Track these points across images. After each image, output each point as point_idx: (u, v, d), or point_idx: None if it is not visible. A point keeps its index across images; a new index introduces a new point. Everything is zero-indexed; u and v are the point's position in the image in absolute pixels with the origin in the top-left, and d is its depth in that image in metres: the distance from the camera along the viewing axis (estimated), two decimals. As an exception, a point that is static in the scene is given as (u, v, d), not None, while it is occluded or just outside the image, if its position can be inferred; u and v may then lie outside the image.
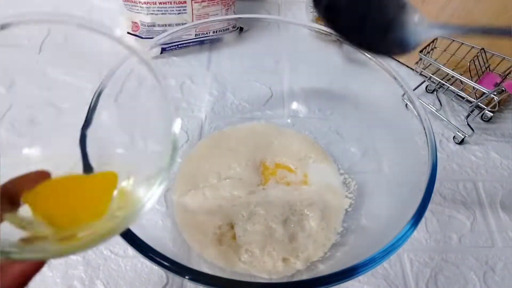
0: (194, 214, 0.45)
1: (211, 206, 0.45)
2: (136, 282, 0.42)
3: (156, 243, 0.30)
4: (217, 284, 0.29)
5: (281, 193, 0.47)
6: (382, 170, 0.48)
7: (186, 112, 0.55)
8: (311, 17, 0.70)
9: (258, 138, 0.53)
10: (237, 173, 0.48)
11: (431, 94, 0.63)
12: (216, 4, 0.62)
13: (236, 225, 0.44)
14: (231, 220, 0.44)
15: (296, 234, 0.44)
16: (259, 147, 0.52)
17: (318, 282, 0.29)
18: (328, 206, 0.46)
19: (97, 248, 0.44)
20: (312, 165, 0.50)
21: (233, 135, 0.53)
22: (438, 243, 0.47)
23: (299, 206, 0.46)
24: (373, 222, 0.43)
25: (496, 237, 0.48)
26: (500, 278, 0.45)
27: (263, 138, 0.53)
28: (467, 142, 0.57)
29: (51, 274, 0.42)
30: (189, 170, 0.49)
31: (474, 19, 0.57)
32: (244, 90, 0.58)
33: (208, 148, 0.52)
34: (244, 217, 0.44)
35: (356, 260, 0.30)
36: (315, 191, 0.47)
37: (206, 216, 0.44)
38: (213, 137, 0.53)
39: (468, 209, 0.50)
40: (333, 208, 0.46)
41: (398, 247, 0.31)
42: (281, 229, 0.43)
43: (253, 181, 0.48)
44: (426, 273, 0.45)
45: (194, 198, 0.46)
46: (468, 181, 0.53)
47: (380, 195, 0.45)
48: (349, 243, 0.42)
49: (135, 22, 0.62)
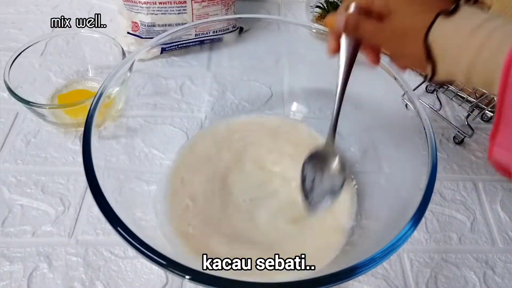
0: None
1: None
2: (136, 283, 0.42)
3: (155, 243, 0.30)
4: (217, 284, 0.29)
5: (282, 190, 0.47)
6: (382, 170, 0.48)
7: (186, 112, 0.55)
8: (311, 17, 0.70)
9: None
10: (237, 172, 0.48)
11: (431, 94, 0.63)
12: (216, 4, 0.62)
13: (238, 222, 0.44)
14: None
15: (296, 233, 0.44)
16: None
17: (318, 282, 0.29)
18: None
19: (97, 249, 0.44)
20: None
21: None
22: (438, 243, 0.47)
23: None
24: (373, 222, 0.43)
25: (496, 237, 0.48)
26: (500, 278, 0.45)
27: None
28: (467, 142, 0.57)
29: (52, 276, 0.42)
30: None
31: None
32: (244, 90, 0.58)
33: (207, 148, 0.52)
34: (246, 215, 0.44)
35: (356, 260, 0.30)
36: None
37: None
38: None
39: (468, 209, 0.50)
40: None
41: (398, 247, 0.31)
42: (282, 227, 0.43)
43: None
44: (426, 273, 0.45)
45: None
46: (468, 181, 0.53)
47: (380, 195, 0.45)
48: (349, 243, 0.42)
49: (135, 22, 0.62)
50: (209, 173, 0.49)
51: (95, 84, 0.58)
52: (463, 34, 0.27)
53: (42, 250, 0.43)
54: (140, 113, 0.52)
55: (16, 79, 0.51)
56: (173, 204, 0.45)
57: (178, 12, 0.61)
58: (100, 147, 0.38)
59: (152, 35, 0.62)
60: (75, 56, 0.58)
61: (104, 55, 0.58)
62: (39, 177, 0.49)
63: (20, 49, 0.53)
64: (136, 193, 0.44)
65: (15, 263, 0.42)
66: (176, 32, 0.48)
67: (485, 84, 0.28)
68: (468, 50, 0.27)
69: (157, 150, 0.49)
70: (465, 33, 0.27)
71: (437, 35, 0.29)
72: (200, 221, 0.44)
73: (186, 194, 0.46)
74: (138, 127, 0.50)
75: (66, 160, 0.51)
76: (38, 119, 0.52)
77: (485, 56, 0.26)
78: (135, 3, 0.59)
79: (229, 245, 0.42)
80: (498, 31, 0.26)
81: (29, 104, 0.48)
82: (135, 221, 0.36)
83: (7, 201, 0.47)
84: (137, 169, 0.47)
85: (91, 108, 0.38)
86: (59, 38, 0.57)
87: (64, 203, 0.47)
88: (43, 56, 0.56)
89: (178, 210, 0.45)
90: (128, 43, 0.63)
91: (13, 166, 0.50)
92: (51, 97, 0.56)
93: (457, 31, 0.28)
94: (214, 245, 0.42)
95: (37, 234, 0.44)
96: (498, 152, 0.27)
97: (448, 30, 0.28)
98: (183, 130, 0.53)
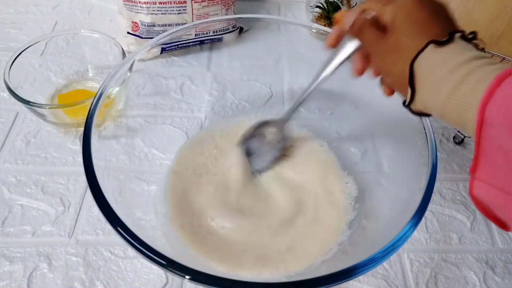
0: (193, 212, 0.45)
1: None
2: (136, 283, 0.42)
3: (155, 243, 0.30)
4: (217, 284, 0.29)
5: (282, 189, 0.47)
6: (382, 170, 0.48)
7: (186, 112, 0.55)
8: (311, 17, 0.70)
9: None
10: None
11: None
12: (216, 4, 0.62)
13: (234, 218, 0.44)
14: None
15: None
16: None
17: (318, 282, 0.29)
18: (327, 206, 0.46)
19: (97, 249, 0.44)
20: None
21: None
22: (438, 243, 0.47)
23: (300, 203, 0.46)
24: (373, 222, 0.43)
25: (496, 237, 0.48)
26: (500, 278, 0.45)
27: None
28: (467, 142, 0.57)
29: (52, 276, 0.42)
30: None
31: (474, 19, 0.57)
32: (244, 90, 0.58)
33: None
34: (242, 213, 0.44)
35: (356, 260, 0.30)
36: (315, 189, 0.48)
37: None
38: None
39: (468, 209, 0.50)
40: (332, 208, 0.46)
41: (398, 247, 0.31)
42: (282, 226, 0.43)
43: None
44: (426, 273, 0.45)
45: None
46: (468, 181, 0.53)
47: (380, 195, 0.45)
48: (349, 243, 0.42)
49: (135, 22, 0.62)
50: (209, 174, 0.49)
51: (95, 84, 0.58)
52: (445, 71, 0.27)
53: (42, 250, 0.43)
54: (140, 113, 0.52)
55: (16, 79, 0.51)
56: (173, 204, 0.45)
57: (178, 12, 0.61)
58: (100, 147, 0.38)
59: (152, 35, 0.62)
60: (75, 56, 0.58)
61: (104, 55, 0.58)
62: (39, 177, 0.49)
63: (20, 49, 0.53)
64: (136, 193, 0.44)
65: (15, 263, 0.42)
66: (176, 32, 0.48)
67: (457, 124, 0.27)
68: (444, 87, 0.27)
69: (157, 150, 0.49)
70: (447, 69, 0.27)
71: (422, 64, 0.29)
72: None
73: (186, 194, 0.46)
74: (138, 127, 0.50)
75: (66, 160, 0.51)
76: (38, 119, 0.52)
77: (459, 96, 0.26)
78: (135, 3, 0.59)
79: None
80: (478, 71, 0.26)
81: (29, 104, 0.48)
82: (135, 221, 0.36)
83: (7, 201, 0.47)
84: (137, 169, 0.47)
85: (91, 108, 0.38)
86: (59, 38, 0.57)
87: (64, 203, 0.47)
88: (43, 56, 0.56)
89: (178, 210, 0.45)
90: (128, 43, 0.63)
91: (13, 166, 0.50)
92: (51, 97, 0.56)
93: (441, 65, 0.27)
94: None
95: (37, 234, 0.44)
96: (479, 186, 0.27)
97: (433, 62, 0.28)
98: (183, 130, 0.53)
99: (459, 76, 0.26)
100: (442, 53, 0.28)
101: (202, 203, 0.46)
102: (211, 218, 0.44)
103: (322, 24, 0.69)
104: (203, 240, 0.42)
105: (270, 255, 0.42)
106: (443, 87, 0.27)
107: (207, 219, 0.44)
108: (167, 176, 0.48)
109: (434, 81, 0.28)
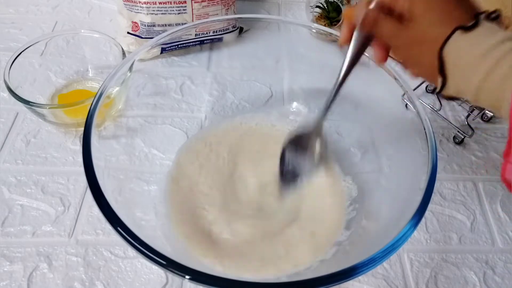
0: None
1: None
2: (136, 283, 0.42)
3: (155, 243, 0.30)
4: (217, 284, 0.29)
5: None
6: (382, 170, 0.48)
7: (186, 112, 0.55)
8: (311, 17, 0.70)
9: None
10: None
11: (431, 94, 0.63)
12: (216, 4, 0.62)
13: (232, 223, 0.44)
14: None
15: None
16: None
17: (318, 282, 0.29)
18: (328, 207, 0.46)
19: (97, 249, 0.44)
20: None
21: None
22: (438, 243, 0.47)
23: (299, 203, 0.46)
24: (373, 222, 0.43)
25: (496, 237, 0.48)
26: (500, 278, 0.45)
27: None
28: (467, 142, 0.57)
29: (52, 276, 0.42)
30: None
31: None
32: (244, 90, 0.58)
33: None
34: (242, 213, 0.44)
35: (356, 260, 0.30)
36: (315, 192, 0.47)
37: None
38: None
39: (468, 209, 0.50)
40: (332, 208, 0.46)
41: (398, 247, 0.31)
42: (282, 226, 0.44)
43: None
44: (426, 273, 0.45)
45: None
46: (468, 181, 0.53)
47: (380, 195, 0.45)
48: (349, 243, 0.42)
49: (135, 22, 0.62)
50: (209, 174, 0.49)
51: (95, 84, 0.58)
52: (476, 55, 0.27)
53: (42, 250, 0.43)
54: (140, 113, 0.52)
55: (16, 79, 0.51)
56: (173, 204, 0.45)
57: (178, 12, 0.61)
58: (100, 147, 0.38)
59: (152, 35, 0.62)
60: (75, 56, 0.58)
61: (104, 55, 0.58)
62: (39, 177, 0.49)
63: (20, 49, 0.53)
64: (136, 193, 0.44)
65: (15, 263, 0.42)
66: (176, 32, 0.48)
67: (492, 107, 0.28)
68: (478, 71, 0.27)
69: (157, 150, 0.49)
70: (478, 53, 0.27)
71: (451, 51, 0.28)
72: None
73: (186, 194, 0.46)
74: (138, 127, 0.50)
75: (66, 160, 0.51)
76: (38, 119, 0.52)
77: (494, 80, 0.26)
78: (135, 3, 0.59)
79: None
80: (509, 55, 0.26)
81: (29, 104, 0.48)
82: (135, 221, 0.36)
83: (7, 201, 0.47)
84: (137, 169, 0.47)
85: (91, 108, 0.38)
86: (59, 38, 0.57)
87: (64, 203, 0.47)
88: (43, 56, 0.56)
89: (178, 210, 0.45)
90: (128, 43, 0.63)
91: (13, 166, 0.50)
92: (51, 97, 0.56)
93: (471, 49, 0.27)
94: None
95: (37, 234, 0.44)
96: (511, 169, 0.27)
97: (463, 47, 0.28)
98: (183, 130, 0.53)
99: (493, 60, 0.26)
100: (469, 39, 0.28)
101: (202, 203, 0.46)
102: (211, 219, 0.44)
103: (322, 24, 0.69)
104: (203, 240, 0.42)
105: (270, 255, 0.42)
106: (476, 71, 0.27)
107: (207, 219, 0.44)
108: (167, 176, 0.48)
109: (466, 67, 0.28)
